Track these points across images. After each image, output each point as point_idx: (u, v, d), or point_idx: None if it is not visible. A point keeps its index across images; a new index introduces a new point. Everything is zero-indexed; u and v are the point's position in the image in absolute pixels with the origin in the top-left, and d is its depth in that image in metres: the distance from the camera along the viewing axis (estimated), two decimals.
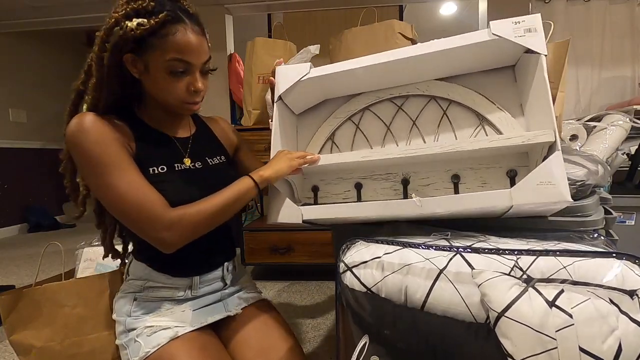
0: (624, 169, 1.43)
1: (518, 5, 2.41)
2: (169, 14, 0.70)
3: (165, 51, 0.71)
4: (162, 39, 0.70)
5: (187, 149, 0.85)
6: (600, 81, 2.69)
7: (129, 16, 0.69)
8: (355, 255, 0.64)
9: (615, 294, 0.45)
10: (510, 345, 0.45)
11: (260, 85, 2.04)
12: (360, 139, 0.90)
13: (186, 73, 0.74)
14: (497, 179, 0.78)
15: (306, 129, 0.94)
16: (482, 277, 0.50)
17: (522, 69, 0.77)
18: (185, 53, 0.72)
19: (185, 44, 0.71)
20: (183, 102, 0.77)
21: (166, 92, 0.75)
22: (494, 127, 0.79)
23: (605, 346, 0.42)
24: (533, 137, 0.66)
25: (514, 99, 0.79)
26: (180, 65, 0.73)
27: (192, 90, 0.76)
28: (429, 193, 0.83)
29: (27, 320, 0.99)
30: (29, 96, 3.89)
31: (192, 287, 0.83)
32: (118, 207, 0.70)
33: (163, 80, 0.74)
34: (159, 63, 0.72)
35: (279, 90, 0.85)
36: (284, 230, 1.97)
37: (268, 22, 3.34)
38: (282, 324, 0.88)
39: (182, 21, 0.71)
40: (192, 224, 0.71)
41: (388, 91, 0.88)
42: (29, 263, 2.58)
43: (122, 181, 0.69)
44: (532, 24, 0.69)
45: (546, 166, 0.61)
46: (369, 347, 0.61)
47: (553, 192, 0.60)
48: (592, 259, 0.50)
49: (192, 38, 0.72)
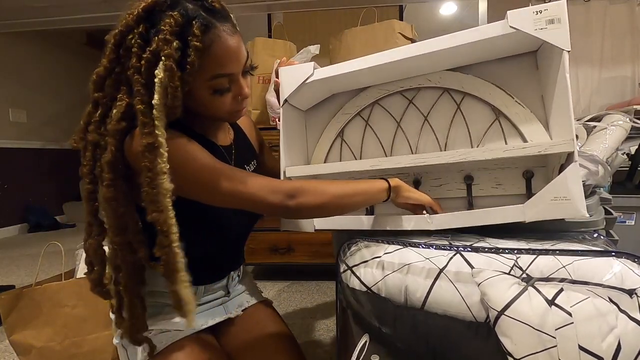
0: (624, 169, 1.43)
1: (518, 5, 2.41)
2: (201, 23, 0.58)
3: (206, 70, 0.61)
4: (205, 58, 0.60)
5: (232, 157, 0.81)
6: (600, 81, 2.68)
7: (168, 42, 0.57)
8: (355, 254, 0.64)
9: (614, 292, 0.45)
10: (510, 344, 0.45)
11: (260, 85, 2.04)
12: (370, 135, 0.87)
13: (231, 85, 0.66)
14: (513, 180, 0.75)
15: (315, 126, 0.92)
16: (481, 276, 0.51)
17: (545, 56, 0.70)
18: (226, 65, 0.63)
19: (224, 54, 0.62)
20: (231, 113, 0.70)
21: (214, 109, 0.68)
22: (510, 123, 0.74)
23: (605, 345, 0.42)
24: (550, 147, 0.62)
25: (534, 89, 0.73)
26: (224, 81, 0.64)
27: (239, 99, 0.69)
28: (441, 194, 0.80)
29: (27, 320, 1.00)
30: (29, 96, 3.89)
31: (195, 293, 0.81)
32: (242, 198, 0.64)
33: (208, 99, 0.66)
34: (200, 84, 0.63)
35: (284, 94, 0.82)
36: (284, 230, 1.96)
37: (268, 22, 3.34)
38: (282, 326, 0.88)
39: (213, 26, 0.60)
40: (314, 196, 0.66)
41: (398, 84, 0.83)
42: (29, 263, 2.58)
43: (237, 175, 0.64)
44: (555, 14, 0.60)
45: (561, 180, 0.58)
46: (369, 346, 0.61)
47: (568, 208, 0.57)
48: (592, 258, 0.50)
49: (231, 43, 0.62)
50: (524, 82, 0.74)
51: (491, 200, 0.77)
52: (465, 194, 0.78)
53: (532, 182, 0.73)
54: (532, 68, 0.73)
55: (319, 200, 0.66)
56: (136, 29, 0.59)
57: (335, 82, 0.84)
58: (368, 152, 0.87)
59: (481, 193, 0.78)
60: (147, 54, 0.57)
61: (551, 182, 0.59)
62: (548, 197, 0.59)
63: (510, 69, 0.75)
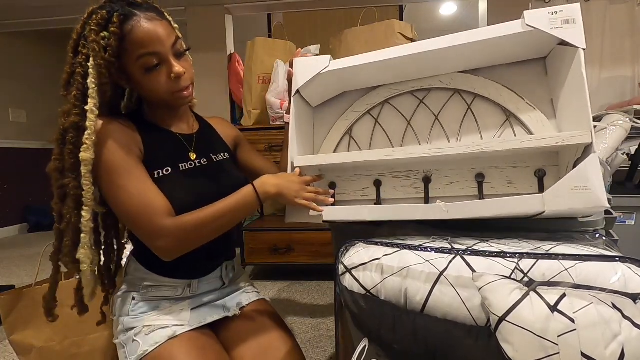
0: (624, 169, 1.43)
1: (518, 5, 2.40)
2: (120, 14, 0.69)
3: (131, 52, 0.71)
4: (123, 42, 0.70)
5: (192, 144, 0.86)
6: (600, 81, 2.68)
7: (96, 32, 0.69)
8: (354, 257, 0.64)
9: (618, 298, 0.44)
10: (511, 351, 0.45)
11: (260, 85, 2.04)
12: (379, 135, 0.86)
13: (161, 64, 0.73)
14: (524, 179, 0.74)
15: (323, 123, 0.91)
16: (483, 280, 0.50)
17: (555, 62, 0.71)
18: (147, 45, 0.71)
19: (144, 35, 0.70)
20: (172, 93, 0.76)
21: (152, 90, 0.76)
22: (522, 125, 0.74)
23: (608, 352, 0.41)
24: (568, 138, 0.62)
25: (544, 93, 0.74)
26: (150, 58, 0.72)
27: (172, 77, 0.74)
28: (451, 192, 0.79)
29: (27, 320, 0.99)
30: (29, 96, 3.89)
31: (190, 286, 0.83)
32: (123, 210, 0.72)
33: (143, 80, 0.74)
34: (132, 66, 0.73)
35: (298, 83, 0.81)
36: (284, 230, 1.97)
37: (268, 22, 3.34)
38: (280, 324, 0.88)
39: (134, 15, 0.71)
40: (187, 233, 0.71)
41: (409, 84, 0.83)
42: (29, 263, 2.58)
43: (130, 185, 0.71)
44: (570, 15, 0.63)
45: (582, 169, 0.58)
46: (368, 350, 0.60)
47: (589, 198, 0.57)
48: (595, 262, 0.50)
49: (149, 26, 0.71)
50: (534, 86, 0.75)
51: None
52: (476, 192, 0.77)
53: (544, 181, 0.72)
54: (541, 74, 0.75)
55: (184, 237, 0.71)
56: (80, 31, 0.72)
57: (347, 78, 0.83)
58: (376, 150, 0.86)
59: (492, 192, 0.77)
60: (84, 48, 0.70)
61: (572, 170, 0.59)
62: (568, 187, 0.58)
63: (519, 74, 0.76)
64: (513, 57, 0.75)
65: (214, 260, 0.87)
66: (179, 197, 0.74)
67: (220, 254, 0.89)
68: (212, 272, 0.87)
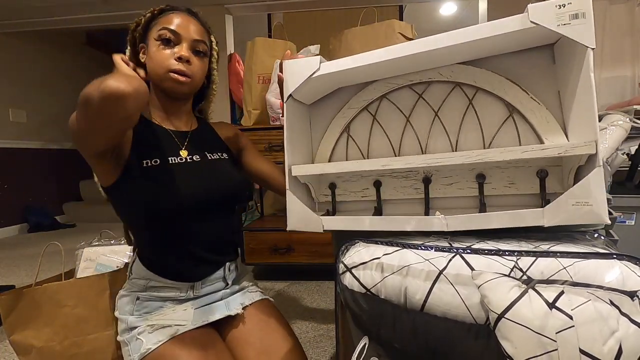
0: (624, 169, 1.43)
1: (518, 5, 2.41)
2: (167, 6, 0.84)
3: (158, 24, 0.81)
4: (157, 21, 0.82)
5: (184, 141, 0.87)
6: (600, 81, 2.68)
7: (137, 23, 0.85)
8: (354, 256, 0.64)
9: (615, 295, 0.45)
10: (510, 347, 0.45)
11: (260, 85, 2.04)
12: (377, 131, 0.84)
13: (175, 43, 0.81)
14: (526, 179, 0.73)
15: (319, 120, 0.89)
16: (482, 278, 0.50)
17: (563, 53, 0.67)
18: (172, 24, 0.81)
19: (174, 18, 0.82)
20: (169, 71, 0.79)
21: (156, 63, 0.80)
22: (525, 119, 0.71)
23: (606, 348, 0.42)
24: (571, 148, 0.59)
25: (550, 84, 0.70)
26: (167, 33, 0.80)
27: (177, 57, 0.80)
28: (452, 193, 0.78)
29: (27, 320, 0.99)
30: (29, 96, 3.89)
31: (194, 287, 0.84)
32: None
33: (154, 51, 0.81)
34: (152, 34, 0.82)
35: (288, 89, 0.79)
36: (284, 230, 1.95)
37: (268, 22, 3.35)
38: (283, 324, 0.88)
39: (177, 9, 0.84)
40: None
41: (407, 77, 0.80)
42: (29, 263, 2.58)
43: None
44: (580, 8, 0.57)
45: (584, 186, 0.56)
46: (368, 348, 0.61)
47: (590, 214, 0.56)
48: (593, 259, 0.50)
49: (182, 16, 0.83)
50: (539, 76, 0.71)
51: (504, 200, 0.75)
52: (477, 193, 0.76)
53: (546, 181, 0.71)
54: (549, 62, 0.70)
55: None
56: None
57: (342, 76, 0.81)
58: (375, 148, 0.84)
59: (493, 192, 0.75)
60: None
61: (574, 186, 0.57)
62: (569, 202, 0.57)
63: (524, 63, 0.72)
64: (518, 46, 0.71)
65: (215, 262, 0.87)
66: (166, 186, 0.76)
67: (222, 252, 0.89)
68: (215, 273, 0.87)
